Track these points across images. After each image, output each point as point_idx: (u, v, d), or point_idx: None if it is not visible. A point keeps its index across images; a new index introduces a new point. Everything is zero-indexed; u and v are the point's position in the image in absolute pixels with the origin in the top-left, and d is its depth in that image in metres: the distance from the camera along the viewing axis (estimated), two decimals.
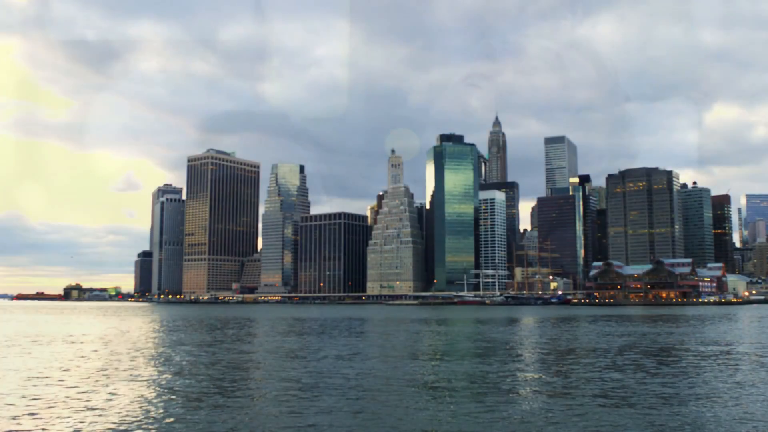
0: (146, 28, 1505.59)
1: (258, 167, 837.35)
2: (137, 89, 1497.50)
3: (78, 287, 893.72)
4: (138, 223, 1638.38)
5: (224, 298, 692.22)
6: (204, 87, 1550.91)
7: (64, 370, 55.81)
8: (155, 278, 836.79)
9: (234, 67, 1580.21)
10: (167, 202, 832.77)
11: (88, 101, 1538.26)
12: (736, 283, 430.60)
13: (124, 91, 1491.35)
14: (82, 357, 68.14)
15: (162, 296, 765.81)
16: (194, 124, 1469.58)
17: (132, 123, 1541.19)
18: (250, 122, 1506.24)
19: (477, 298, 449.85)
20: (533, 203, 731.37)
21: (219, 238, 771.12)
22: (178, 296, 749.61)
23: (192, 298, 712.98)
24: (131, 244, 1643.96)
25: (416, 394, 42.29)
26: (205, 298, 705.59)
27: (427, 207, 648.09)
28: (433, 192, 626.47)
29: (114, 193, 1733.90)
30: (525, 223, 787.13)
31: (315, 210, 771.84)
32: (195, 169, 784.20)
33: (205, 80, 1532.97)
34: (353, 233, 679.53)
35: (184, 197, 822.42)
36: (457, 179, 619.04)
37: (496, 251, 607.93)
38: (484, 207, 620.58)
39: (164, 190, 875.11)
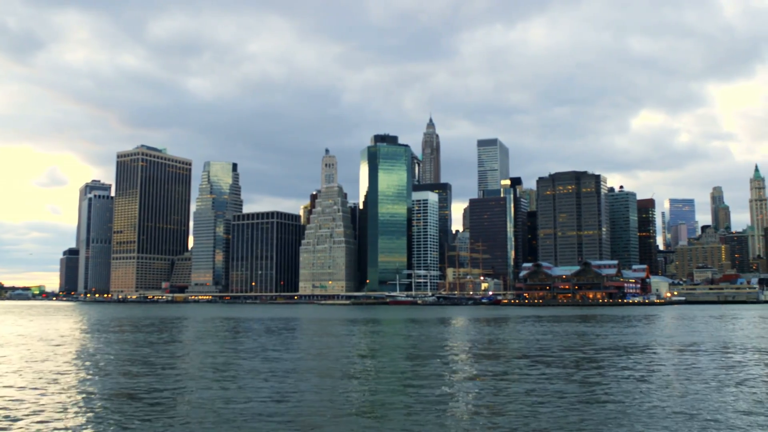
0: (72, 18, 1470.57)
1: (189, 164, 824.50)
2: (62, 81, 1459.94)
3: None
4: (63, 220, 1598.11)
5: (154, 297, 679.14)
6: (132, 80, 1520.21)
7: None
8: (81, 277, 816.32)
9: (164, 61, 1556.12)
10: (95, 199, 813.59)
11: (9, 92, 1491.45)
12: (659, 284, 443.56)
13: (47, 83, 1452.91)
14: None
15: (89, 295, 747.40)
16: (122, 119, 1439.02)
17: (56, 116, 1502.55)
18: (181, 118, 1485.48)
19: (409, 299, 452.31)
20: (465, 204, 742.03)
21: (149, 236, 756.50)
22: (105, 295, 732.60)
23: (120, 297, 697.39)
24: (56, 242, 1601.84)
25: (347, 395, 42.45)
26: (134, 297, 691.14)
27: (361, 207, 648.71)
28: (367, 192, 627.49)
29: (37, 188, 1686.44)
30: (457, 224, 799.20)
31: (247, 209, 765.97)
32: (124, 165, 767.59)
33: (133, 74, 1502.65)
34: (286, 232, 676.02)
35: (112, 194, 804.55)
36: (391, 180, 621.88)
37: (429, 252, 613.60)
38: (417, 208, 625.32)
39: (92, 186, 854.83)
